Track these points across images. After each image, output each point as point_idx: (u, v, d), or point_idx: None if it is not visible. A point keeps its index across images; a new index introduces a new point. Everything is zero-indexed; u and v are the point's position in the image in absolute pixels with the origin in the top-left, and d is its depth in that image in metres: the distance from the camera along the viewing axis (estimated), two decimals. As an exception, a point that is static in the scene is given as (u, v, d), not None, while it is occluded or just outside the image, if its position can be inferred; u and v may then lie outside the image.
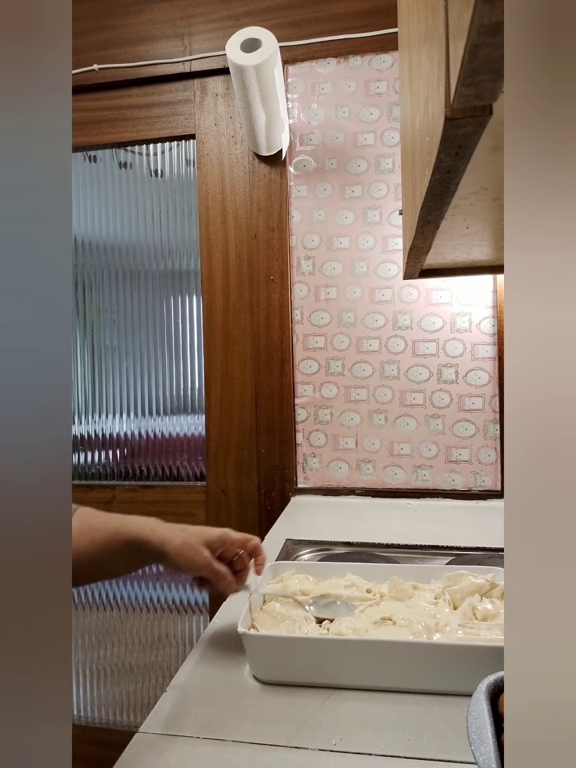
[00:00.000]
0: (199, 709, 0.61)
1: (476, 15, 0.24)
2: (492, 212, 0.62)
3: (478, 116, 0.31)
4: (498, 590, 0.74)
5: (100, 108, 1.57)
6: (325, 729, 0.57)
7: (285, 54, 1.41)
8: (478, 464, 1.40)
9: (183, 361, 1.61)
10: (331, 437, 1.46)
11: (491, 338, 1.38)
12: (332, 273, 1.45)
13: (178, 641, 1.63)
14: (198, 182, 1.53)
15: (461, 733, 0.55)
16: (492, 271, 1.08)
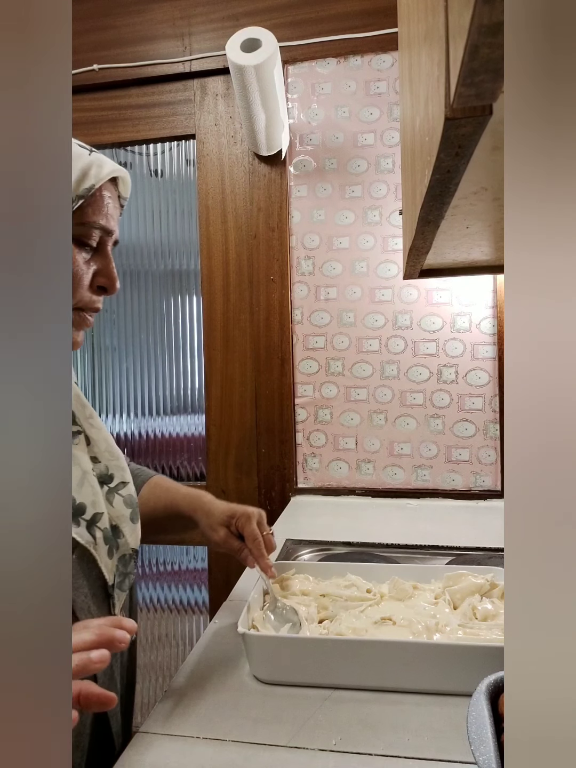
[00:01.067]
0: (199, 709, 0.61)
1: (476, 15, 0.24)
2: (492, 212, 0.62)
3: (478, 116, 0.31)
4: (498, 590, 0.74)
5: (100, 108, 1.57)
6: (325, 729, 0.57)
7: (285, 54, 1.41)
8: (478, 464, 1.40)
9: (183, 361, 1.61)
10: (331, 437, 1.46)
11: (491, 338, 1.38)
12: (332, 273, 1.45)
13: (178, 641, 1.63)
14: (198, 182, 1.53)
15: (461, 733, 0.55)
16: (492, 271, 1.08)
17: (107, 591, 0.62)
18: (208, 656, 0.72)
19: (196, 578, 1.62)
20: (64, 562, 0.34)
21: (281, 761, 0.53)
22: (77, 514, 0.59)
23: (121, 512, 0.64)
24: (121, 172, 0.61)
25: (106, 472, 0.65)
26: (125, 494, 0.66)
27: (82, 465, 0.62)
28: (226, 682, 0.66)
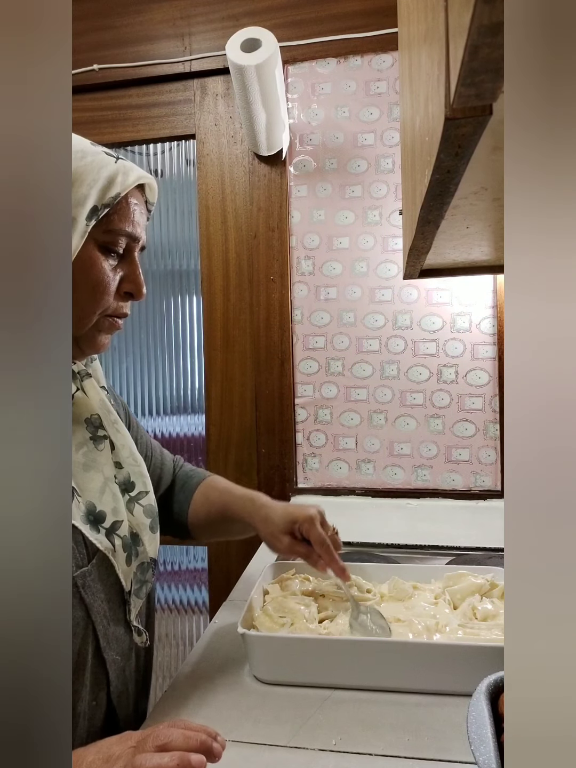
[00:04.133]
0: (199, 709, 0.61)
1: (476, 15, 0.24)
2: (492, 212, 0.62)
3: (478, 116, 0.31)
4: (498, 590, 0.74)
5: (100, 108, 1.57)
6: (325, 729, 0.57)
7: (285, 54, 1.41)
8: (478, 464, 1.40)
9: (183, 361, 1.61)
10: (331, 437, 1.46)
11: (491, 338, 1.38)
12: (332, 273, 1.45)
13: (178, 641, 1.63)
14: (198, 182, 1.53)
15: (461, 733, 0.55)
16: (492, 271, 1.08)
17: (123, 597, 0.62)
18: (208, 656, 0.72)
19: (196, 578, 1.62)
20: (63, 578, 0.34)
21: (281, 761, 0.53)
22: (98, 521, 0.59)
23: (140, 521, 0.65)
24: (147, 179, 0.62)
25: (128, 479, 0.66)
26: (145, 504, 0.66)
27: (105, 472, 0.62)
28: (226, 682, 0.66)
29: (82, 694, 0.56)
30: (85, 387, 0.65)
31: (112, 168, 0.58)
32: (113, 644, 0.60)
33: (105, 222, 0.57)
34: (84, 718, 0.57)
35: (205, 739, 0.43)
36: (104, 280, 0.58)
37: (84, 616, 0.56)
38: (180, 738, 0.43)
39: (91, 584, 0.57)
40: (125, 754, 0.43)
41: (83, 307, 0.58)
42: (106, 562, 0.59)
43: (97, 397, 0.66)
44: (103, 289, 0.58)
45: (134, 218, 0.60)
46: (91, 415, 0.64)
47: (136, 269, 0.62)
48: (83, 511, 0.58)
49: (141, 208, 0.61)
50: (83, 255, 0.56)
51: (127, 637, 0.63)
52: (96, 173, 0.56)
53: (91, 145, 0.59)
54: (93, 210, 0.55)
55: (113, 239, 0.58)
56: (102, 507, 0.60)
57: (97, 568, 0.58)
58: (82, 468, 0.60)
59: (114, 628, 0.60)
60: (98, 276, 0.58)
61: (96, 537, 0.58)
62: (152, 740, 0.43)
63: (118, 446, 0.66)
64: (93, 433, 0.63)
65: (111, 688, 0.60)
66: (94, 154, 0.58)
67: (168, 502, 0.86)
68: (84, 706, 0.57)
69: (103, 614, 0.58)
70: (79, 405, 0.63)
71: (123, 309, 0.63)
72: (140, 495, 0.66)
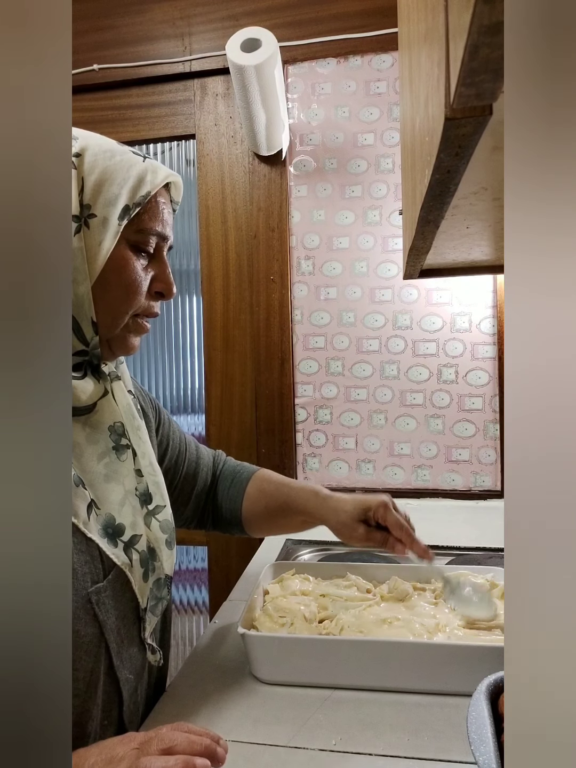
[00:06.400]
0: (199, 709, 0.61)
1: (476, 15, 0.24)
2: (492, 212, 0.62)
3: (478, 116, 0.31)
4: (498, 590, 0.74)
5: (100, 108, 1.57)
6: (325, 729, 0.57)
7: (285, 54, 1.41)
8: (478, 464, 1.40)
9: (183, 361, 1.61)
10: (331, 437, 1.46)
11: (491, 338, 1.38)
12: (332, 273, 1.45)
13: (178, 641, 1.63)
14: (198, 182, 1.53)
15: (461, 733, 0.55)
16: (492, 271, 1.08)
17: (138, 614, 0.60)
18: (208, 656, 0.72)
19: (196, 578, 1.62)
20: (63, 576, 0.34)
21: (281, 761, 0.53)
22: (116, 534, 0.57)
23: (157, 535, 0.63)
24: (174, 177, 0.61)
25: (147, 491, 0.63)
26: (161, 519, 0.64)
27: (126, 485, 0.60)
28: (226, 682, 0.66)
29: (93, 714, 0.54)
30: (114, 390, 0.63)
31: (141, 167, 0.57)
32: (126, 663, 0.58)
33: (136, 222, 0.57)
34: (95, 739, 0.54)
35: (209, 743, 0.43)
36: (137, 280, 0.58)
37: (97, 634, 0.54)
38: (184, 742, 0.43)
39: (106, 601, 0.55)
40: (129, 755, 0.43)
41: (117, 307, 0.58)
42: (123, 577, 0.57)
43: (124, 401, 0.64)
44: (136, 289, 0.58)
45: (163, 217, 0.59)
46: (114, 423, 0.61)
47: (166, 268, 0.62)
48: (102, 524, 0.56)
49: (168, 207, 0.61)
50: (116, 255, 0.56)
51: (140, 656, 0.61)
52: (126, 172, 0.56)
53: (117, 144, 0.58)
54: (125, 209, 0.55)
55: (144, 239, 0.58)
56: (121, 520, 0.58)
57: (113, 584, 0.56)
58: (104, 479, 0.58)
59: (128, 646, 0.58)
60: (131, 276, 0.57)
61: (113, 552, 0.56)
62: (156, 743, 0.43)
63: (140, 454, 0.63)
64: (116, 442, 0.61)
65: (123, 707, 0.58)
66: (122, 153, 0.57)
67: (215, 498, 0.85)
68: (95, 725, 0.55)
69: (117, 632, 0.56)
70: (104, 412, 0.61)
71: (154, 309, 0.62)
72: (157, 509, 0.64)
